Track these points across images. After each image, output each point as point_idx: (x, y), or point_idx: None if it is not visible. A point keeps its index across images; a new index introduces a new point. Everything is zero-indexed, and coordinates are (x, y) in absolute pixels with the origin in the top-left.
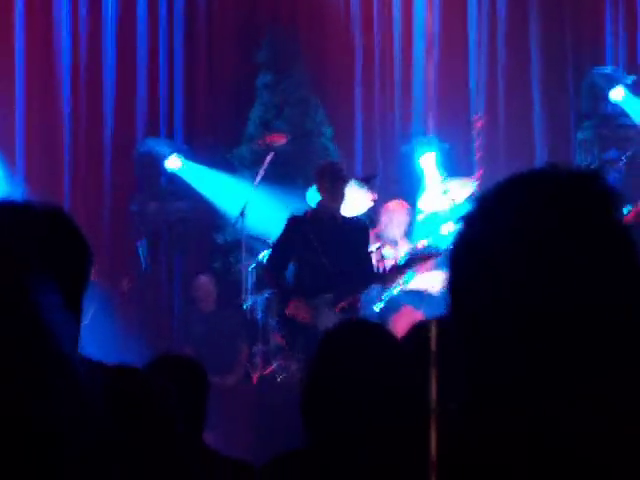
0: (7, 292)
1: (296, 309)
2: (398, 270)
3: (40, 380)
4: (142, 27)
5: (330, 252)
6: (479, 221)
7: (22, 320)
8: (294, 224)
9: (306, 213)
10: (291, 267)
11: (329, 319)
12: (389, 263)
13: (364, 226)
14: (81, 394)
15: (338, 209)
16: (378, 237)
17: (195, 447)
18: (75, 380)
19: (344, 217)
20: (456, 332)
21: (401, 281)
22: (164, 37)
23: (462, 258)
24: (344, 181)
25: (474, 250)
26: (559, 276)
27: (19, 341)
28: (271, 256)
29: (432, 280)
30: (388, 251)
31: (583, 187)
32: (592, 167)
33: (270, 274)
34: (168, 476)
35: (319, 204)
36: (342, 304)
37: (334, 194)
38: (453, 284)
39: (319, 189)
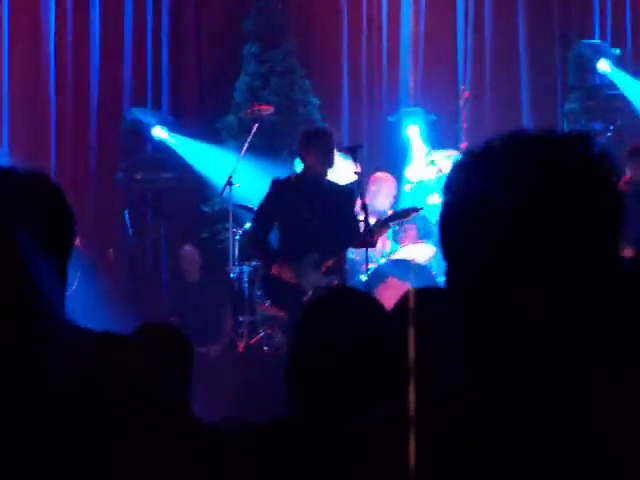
0: None
1: (280, 270)
2: (383, 224)
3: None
4: None
5: (315, 214)
6: (473, 175)
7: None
8: (278, 188)
9: (289, 177)
10: (275, 232)
11: (315, 279)
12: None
13: (350, 190)
14: (73, 355)
15: (325, 174)
16: (363, 208)
17: (182, 415)
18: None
19: (330, 181)
20: (453, 297)
21: (386, 239)
22: (151, 5)
23: (454, 214)
24: (333, 146)
25: (464, 210)
26: (550, 234)
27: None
28: (255, 221)
29: (418, 251)
30: (374, 221)
31: (579, 148)
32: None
33: (254, 240)
34: (156, 443)
35: (305, 168)
36: (328, 263)
37: (322, 158)
38: (447, 242)
39: (305, 153)
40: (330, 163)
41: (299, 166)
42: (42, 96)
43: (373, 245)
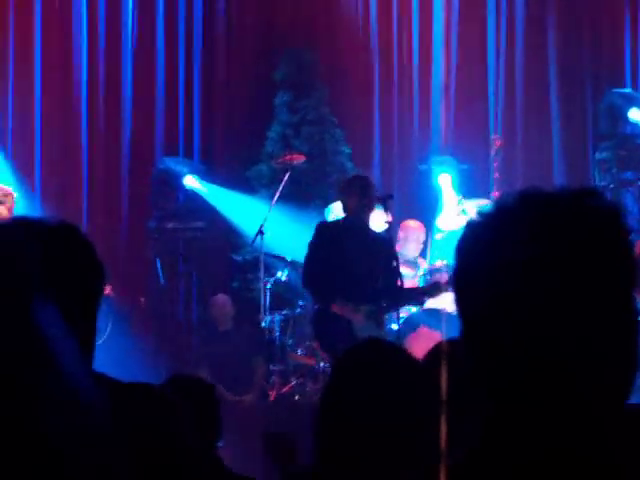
0: (6, 306)
1: (342, 309)
2: (425, 293)
3: (37, 393)
4: (160, 45)
5: (363, 261)
6: (483, 235)
7: (20, 334)
8: (325, 231)
9: (338, 221)
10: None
11: (368, 329)
12: (409, 282)
13: (389, 237)
14: (82, 408)
15: (368, 219)
16: (395, 258)
17: (210, 464)
18: (75, 394)
19: (371, 229)
20: (466, 352)
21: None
22: (182, 55)
23: (465, 274)
24: (374, 191)
25: (476, 270)
26: (557, 301)
27: (16, 354)
28: (308, 265)
29: (449, 300)
30: (405, 270)
31: (585, 208)
32: (608, 188)
33: (311, 277)
34: None
35: (348, 215)
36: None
37: (365, 203)
38: (460, 301)
39: (347, 199)
40: (371, 208)
41: (330, 215)
42: (74, 144)
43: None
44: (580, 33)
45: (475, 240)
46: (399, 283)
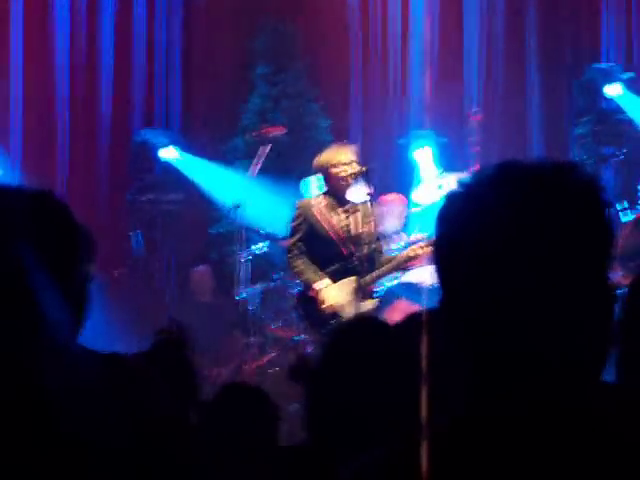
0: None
1: (319, 292)
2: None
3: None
4: (140, 16)
5: (345, 235)
6: (463, 206)
7: (15, 302)
8: (305, 209)
9: (316, 198)
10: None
11: (353, 305)
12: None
13: (371, 209)
14: (75, 378)
15: (348, 192)
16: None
17: (184, 438)
18: (69, 364)
19: (352, 202)
20: (447, 322)
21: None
22: (163, 27)
23: (445, 249)
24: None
25: (456, 241)
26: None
27: (11, 323)
28: (292, 243)
29: (427, 273)
30: (385, 245)
31: (564, 180)
32: (586, 162)
33: (297, 259)
34: (160, 460)
35: (328, 189)
36: (367, 288)
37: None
38: (440, 272)
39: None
40: (352, 180)
41: (307, 188)
42: (52, 114)
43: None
44: (559, 9)
45: (455, 210)
46: (381, 255)
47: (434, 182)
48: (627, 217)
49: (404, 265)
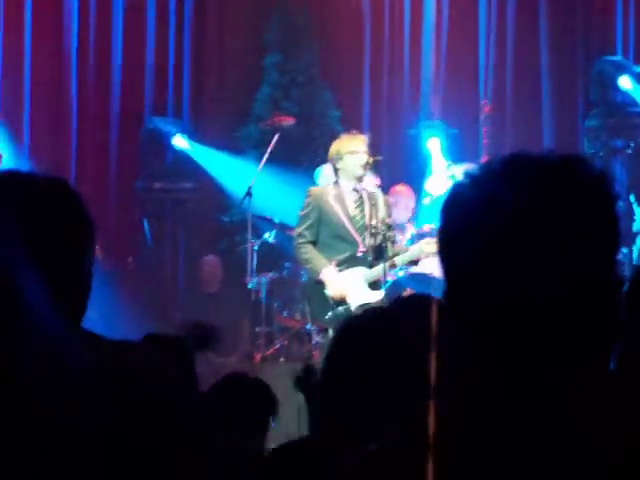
0: None
1: (328, 278)
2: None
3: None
4: (151, 3)
5: (357, 224)
6: (470, 197)
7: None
8: (316, 196)
9: (327, 186)
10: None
11: (362, 294)
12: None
13: (384, 200)
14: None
15: (358, 182)
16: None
17: (196, 426)
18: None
19: (364, 191)
20: (451, 314)
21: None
22: (173, 14)
23: (450, 240)
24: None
25: (462, 232)
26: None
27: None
28: (301, 230)
29: (435, 264)
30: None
31: (572, 172)
32: (597, 155)
33: (305, 248)
34: (169, 450)
35: (340, 178)
36: (376, 278)
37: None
38: (445, 262)
39: (338, 162)
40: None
41: (319, 177)
42: (63, 101)
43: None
44: (572, 0)
45: (461, 200)
46: (389, 245)
47: (445, 173)
48: None
49: (420, 257)
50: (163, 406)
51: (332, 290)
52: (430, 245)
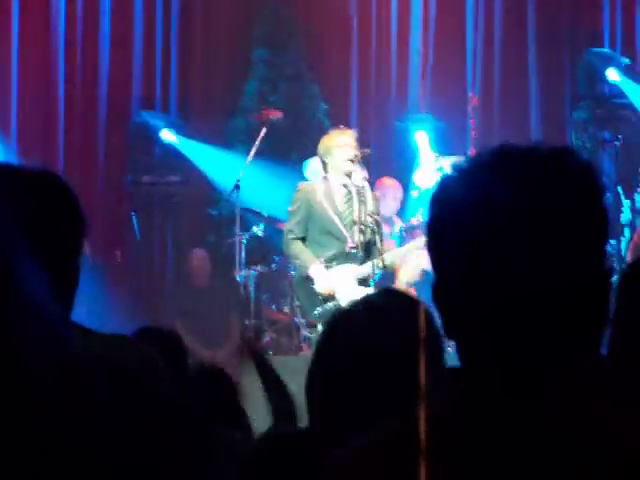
0: None
1: (316, 274)
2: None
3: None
4: (138, 1)
5: (346, 219)
6: (458, 189)
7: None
8: (305, 191)
9: (316, 182)
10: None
11: (351, 290)
12: (385, 241)
13: (372, 195)
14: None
15: (347, 177)
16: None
17: (188, 420)
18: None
19: (353, 186)
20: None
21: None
22: (160, 9)
23: (438, 232)
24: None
25: (450, 224)
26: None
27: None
28: (291, 226)
29: (425, 257)
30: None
31: (560, 164)
32: (585, 147)
33: (294, 244)
34: (158, 442)
35: (329, 173)
36: (365, 275)
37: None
38: (433, 254)
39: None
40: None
41: (307, 169)
42: (50, 96)
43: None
44: None
45: (450, 194)
46: (378, 241)
47: (433, 165)
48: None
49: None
50: (153, 399)
51: (320, 287)
52: (419, 243)
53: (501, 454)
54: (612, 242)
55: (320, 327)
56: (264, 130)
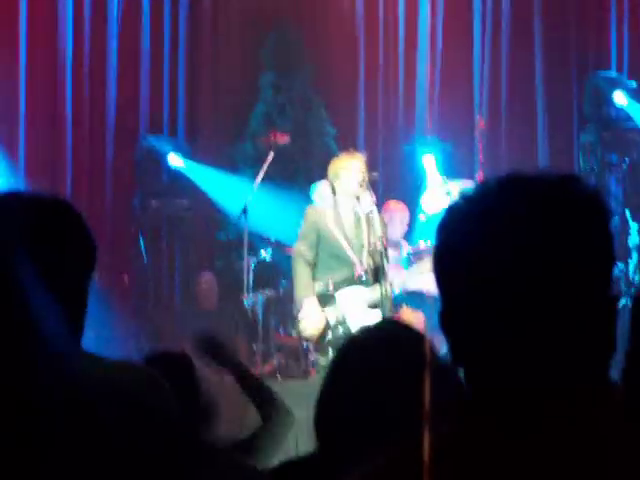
0: None
1: (308, 309)
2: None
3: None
4: (146, 22)
5: (355, 244)
6: (465, 218)
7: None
8: (315, 215)
9: (325, 207)
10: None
11: (359, 314)
12: (392, 265)
13: (380, 219)
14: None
15: (356, 201)
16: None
17: (194, 443)
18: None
19: (362, 211)
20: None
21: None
22: (168, 33)
23: (445, 259)
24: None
25: (457, 251)
26: (537, 281)
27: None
28: (301, 249)
29: (432, 282)
30: (389, 252)
31: (566, 192)
32: (592, 170)
33: (300, 268)
34: (166, 469)
35: (338, 197)
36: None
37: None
38: (440, 282)
39: (335, 180)
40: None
41: (315, 193)
42: (58, 120)
43: None
44: (566, 15)
45: (457, 221)
46: (385, 265)
47: (441, 189)
48: None
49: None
50: (156, 421)
51: (306, 322)
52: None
53: (507, 473)
54: (620, 265)
55: (331, 352)
56: (271, 154)
